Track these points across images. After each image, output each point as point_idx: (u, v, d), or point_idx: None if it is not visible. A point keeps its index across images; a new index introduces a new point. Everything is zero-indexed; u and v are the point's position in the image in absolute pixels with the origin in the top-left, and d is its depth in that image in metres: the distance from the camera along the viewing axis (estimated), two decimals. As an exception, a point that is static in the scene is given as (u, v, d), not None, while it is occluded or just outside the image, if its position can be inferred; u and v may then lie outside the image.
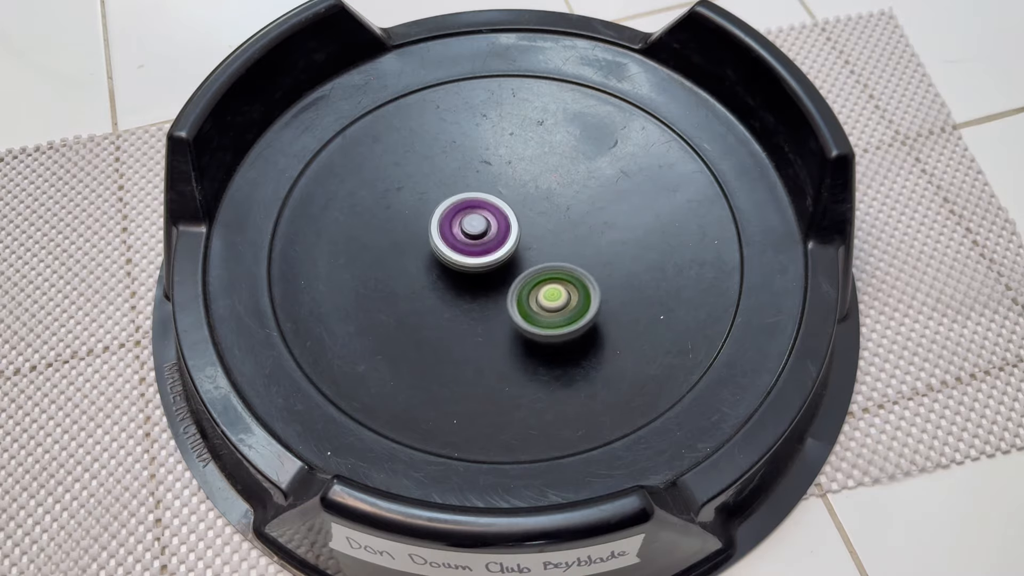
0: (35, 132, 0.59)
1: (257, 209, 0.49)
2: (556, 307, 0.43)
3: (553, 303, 0.43)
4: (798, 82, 0.48)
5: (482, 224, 0.46)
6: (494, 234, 0.46)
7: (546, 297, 0.44)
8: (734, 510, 0.44)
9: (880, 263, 0.53)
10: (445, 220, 0.46)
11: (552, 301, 0.43)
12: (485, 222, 0.46)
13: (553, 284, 0.44)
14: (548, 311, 0.44)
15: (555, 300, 0.43)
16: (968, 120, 0.60)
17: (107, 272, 0.53)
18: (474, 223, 0.46)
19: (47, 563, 0.44)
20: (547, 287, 0.44)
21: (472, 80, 0.54)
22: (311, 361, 0.45)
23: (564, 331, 0.43)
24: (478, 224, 0.46)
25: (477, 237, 0.46)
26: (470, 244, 0.46)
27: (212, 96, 0.48)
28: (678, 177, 0.50)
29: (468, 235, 0.46)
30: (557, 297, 0.44)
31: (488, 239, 0.46)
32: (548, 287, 0.44)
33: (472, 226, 0.46)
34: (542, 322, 0.43)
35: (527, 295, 0.44)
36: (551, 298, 0.44)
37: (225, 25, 0.65)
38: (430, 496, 0.40)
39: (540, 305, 0.44)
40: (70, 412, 0.49)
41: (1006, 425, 0.48)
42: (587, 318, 0.43)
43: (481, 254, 0.46)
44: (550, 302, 0.43)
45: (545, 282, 0.44)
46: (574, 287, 0.44)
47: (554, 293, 0.44)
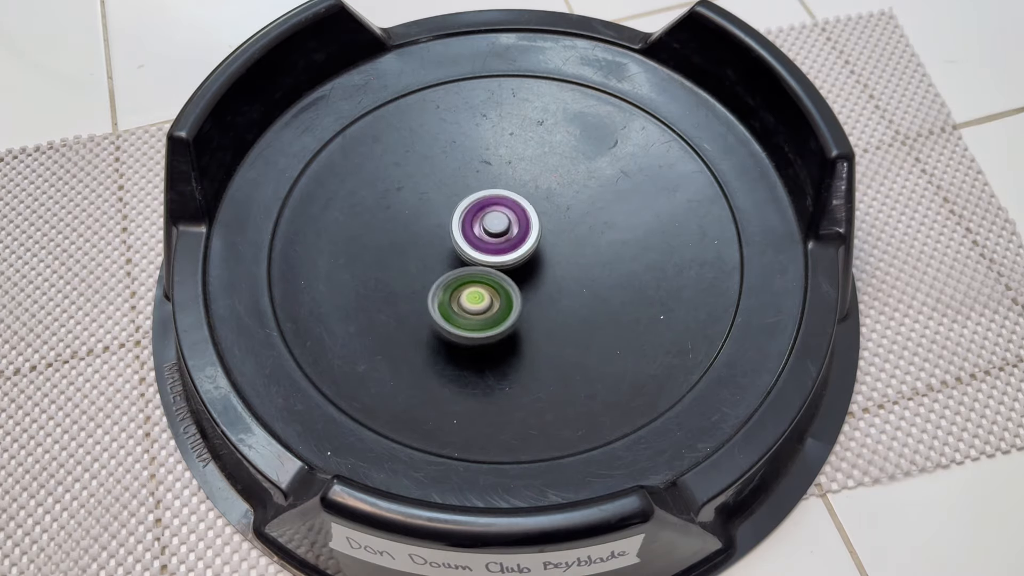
0: (35, 132, 0.59)
1: (257, 209, 0.49)
2: (478, 310, 0.44)
3: (475, 306, 0.43)
4: (798, 82, 0.48)
5: (504, 222, 0.46)
6: (516, 231, 0.46)
7: (468, 300, 0.44)
8: (734, 510, 0.44)
9: (880, 263, 0.53)
10: (467, 219, 0.46)
11: (474, 304, 0.44)
12: (507, 219, 0.46)
13: (476, 287, 0.44)
14: (470, 313, 0.44)
15: (477, 303, 0.44)
16: (968, 120, 0.60)
17: (107, 272, 0.53)
18: (496, 221, 0.46)
19: (47, 563, 0.44)
20: (469, 290, 0.44)
21: (472, 80, 0.54)
22: (311, 361, 0.45)
23: (483, 335, 0.43)
24: (500, 222, 0.46)
25: (499, 235, 0.46)
26: (492, 242, 0.46)
27: (212, 96, 0.48)
28: (678, 177, 0.50)
29: (490, 233, 0.46)
30: (479, 300, 0.44)
31: (510, 236, 0.46)
32: (471, 290, 0.44)
33: (494, 224, 0.46)
34: (462, 324, 0.43)
35: (449, 297, 0.44)
36: (473, 301, 0.44)
37: (225, 25, 0.65)
38: (430, 496, 0.40)
39: (462, 307, 0.44)
40: (70, 412, 0.49)
41: (1006, 425, 0.48)
42: (508, 323, 0.43)
43: (504, 252, 0.46)
44: (472, 305, 0.44)
45: (467, 284, 0.44)
46: (496, 292, 0.44)
47: (476, 296, 0.44)
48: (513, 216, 0.46)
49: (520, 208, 0.47)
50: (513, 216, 0.46)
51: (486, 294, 0.44)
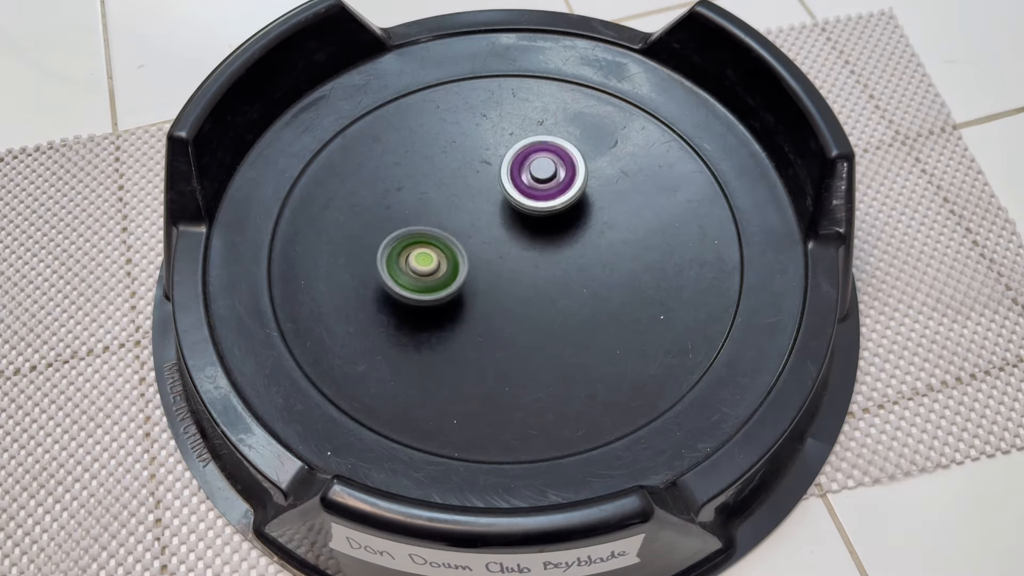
0: (35, 132, 0.59)
1: (257, 209, 0.49)
2: (426, 271, 0.44)
3: (424, 267, 0.44)
4: (798, 82, 0.48)
5: (550, 168, 0.47)
6: (563, 177, 0.48)
7: (417, 261, 0.44)
8: (734, 510, 0.44)
9: (880, 263, 0.53)
10: (515, 165, 0.48)
11: (423, 266, 0.44)
12: (553, 166, 0.47)
13: (424, 248, 0.45)
14: (418, 275, 0.44)
15: (426, 265, 0.44)
16: (968, 120, 0.60)
17: (107, 272, 0.53)
18: (543, 167, 0.47)
19: (47, 563, 0.44)
20: (418, 251, 0.44)
21: (472, 80, 0.54)
22: (311, 361, 0.45)
23: (430, 297, 0.44)
24: (547, 168, 0.47)
25: (546, 181, 0.47)
26: (539, 188, 0.47)
27: (212, 96, 0.48)
28: (678, 177, 0.50)
29: (537, 179, 0.47)
30: (428, 262, 0.44)
31: (557, 182, 0.47)
32: (419, 251, 0.44)
33: (541, 170, 0.47)
34: (410, 285, 0.44)
35: (397, 256, 0.44)
36: (422, 263, 0.44)
37: (225, 25, 0.65)
38: (430, 496, 0.40)
39: (411, 268, 0.44)
40: (70, 412, 0.49)
41: (1006, 425, 0.48)
42: (454, 286, 0.44)
43: (549, 197, 0.47)
44: (421, 266, 0.44)
45: (416, 245, 0.45)
46: (444, 254, 0.45)
47: (425, 258, 0.44)
48: (560, 161, 0.48)
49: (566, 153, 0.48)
50: (560, 161, 0.48)
51: (434, 256, 0.44)
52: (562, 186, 0.47)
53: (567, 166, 0.48)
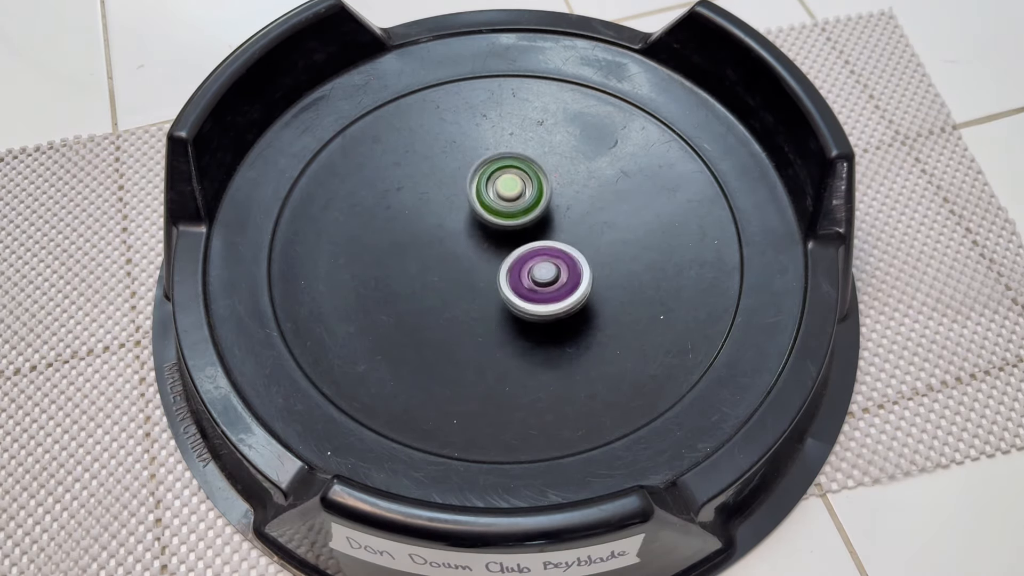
0: (35, 132, 0.59)
1: (257, 209, 0.49)
2: (512, 196, 0.46)
3: (510, 192, 0.46)
4: (798, 82, 0.48)
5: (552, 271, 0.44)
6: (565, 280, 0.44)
7: (503, 187, 0.46)
8: (734, 510, 0.44)
9: (880, 263, 0.53)
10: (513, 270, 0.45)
11: (509, 191, 0.46)
12: (555, 269, 0.44)
13: (510, 174, 0.47)
14: (505, 199, 0.46)
15: (512, 190, 0.46)
16: (968, 120, 0.60)
17: (107, 272, 0.53)
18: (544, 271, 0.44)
19: (47, 563, 0.44)
20: (503, 176, 0.47)
21: (472, 80, 0.54)
22: (311, 361, 0.45)
23: (519, 221, 0.46)
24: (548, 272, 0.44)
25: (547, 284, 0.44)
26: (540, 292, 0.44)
27: (212, 96, 0.48)
28: (678, 177, 0.50)
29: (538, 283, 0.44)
30: (514, 187, 0.46)
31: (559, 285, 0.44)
32: (504, 177, 0.47)
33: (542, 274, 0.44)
34: (499, 211, 0.46)
35: (484, 183, 0.47)
36: (508, 188, 0.46)
37: (225, 25, 0.65)
38: (430, 496, 0.40)
39: (498, 194, 0.46)
40: (70, 412, 0.49)
41: (1006, 425, 0.48)
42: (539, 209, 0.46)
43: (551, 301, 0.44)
44: (507, 191, 0.46)
45: (502, 170, 0.47)
46: (529, 177, 0.47)
47: (511, 183, 0.46)
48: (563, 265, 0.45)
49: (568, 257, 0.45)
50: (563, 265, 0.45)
51: (519, 180, 0.47)
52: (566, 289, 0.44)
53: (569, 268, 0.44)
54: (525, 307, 0.44)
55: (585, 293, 0.44)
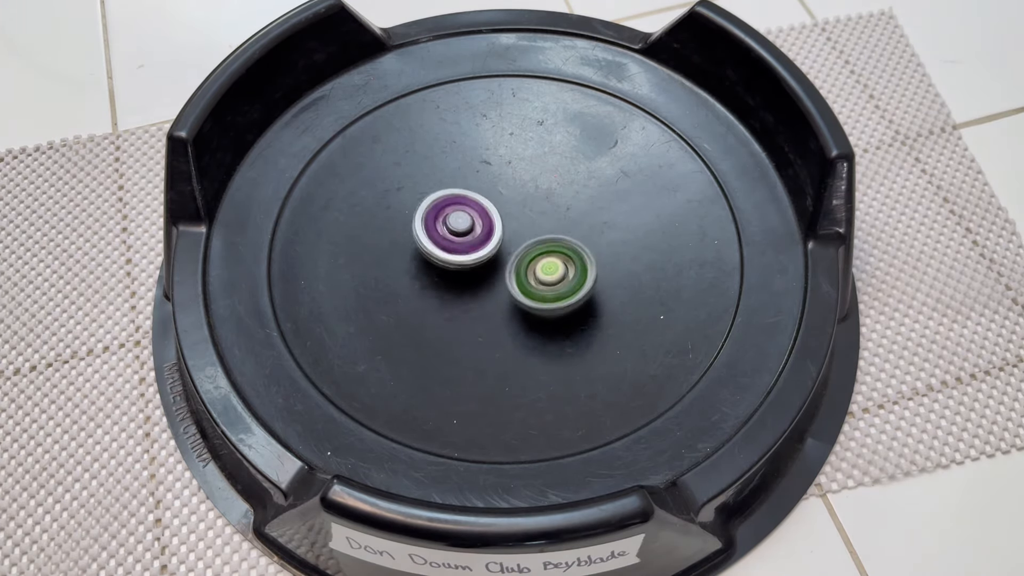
0: (35, 132, 0.59)
1: (257, 209, 0.49)
2: (554, 280, 0.44)
3: (551, 276, 0.44)
4: (798, 82, 0.48)
5: (467, 221, 0.46)
6: (479, 232, 0.46)
7: (544, 271, 0.44)
8: (734, 510, 0.44)
9: (880, 263, 0.53)
10: (429, 216, 0.46)
11: (550, 275, 0.44)
12: (469, 219, 0.46)
13: (550, 257, 0.45)
14: (546, 284, 0.44)
15: (552, 273, 0.44)
16: (968, 120, 0.60)
17: (107, 272, 0.53)
18: (459, 220, 0.46)
19: (47, 563, 0.44)
20: (544, 260, 0.45)
21: (472, 80, 0.54)
22: (311, 361, 0.45)
23: (563, 304, 0.43)
24: (463, 221, 0.46)
25: (462, 234, 0.46)
26: (455, 241, 0.46)
27: (212, 96, 0.48)
28: (678, 177, 0.50)
29: (453, 232, 0.46)
30: (555, 271, 0.44)
31: (474, 237, 0.46)
32: (545, 260, 0.45)
33: (457, 223, 0.46)
34: (540, 296, 0.44)
35: (524, 270, 0.45)
36: (548, 272, 0.44)
37: (225, 25, 0.65)
38: (430, 496, 0.40)
39: (538, 279, 0.44)
40: (70, 412, 0.49)
41: (1006, 425, 0.48)
42: (585, 290, 0.43)
43: (465, 251, 0.46)
44: (548, 275, 0.44)
45: (542, 256, 0.45)
46: (571, 259, 0.45)
47: (551, 267, 0.44)
48: (477, 216, 0.46)
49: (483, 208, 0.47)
50: (477, 216, 0.46)
51: (560, 263, 0.44)
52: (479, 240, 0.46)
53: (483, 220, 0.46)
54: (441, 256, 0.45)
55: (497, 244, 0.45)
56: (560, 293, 0.44)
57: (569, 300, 0.43)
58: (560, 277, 0.44)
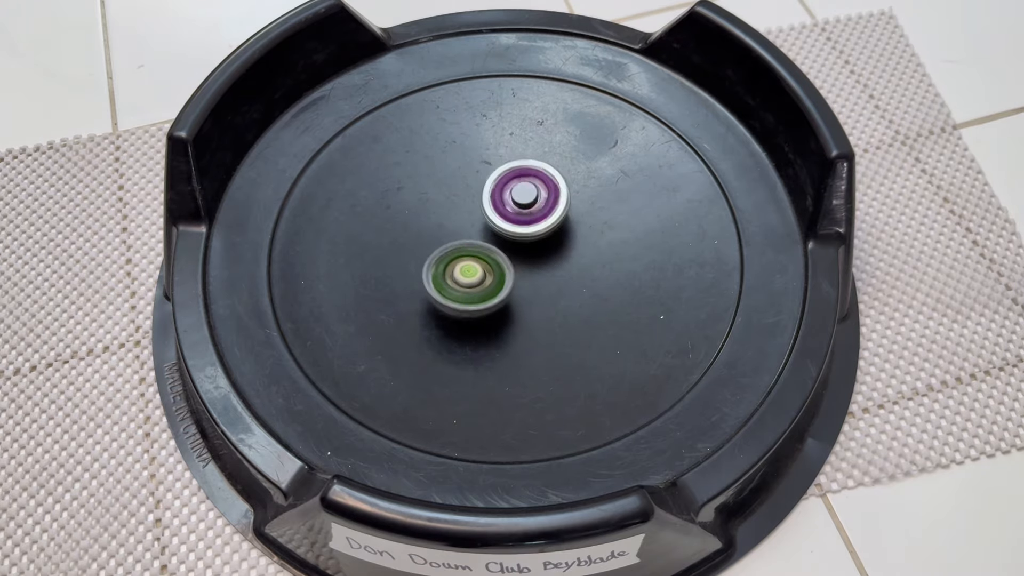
0: (35, 132, 0.59)
1: (257, 209, 0.49)
2: (471, 283, 0.44)
3: (469, 279, 0.44)
4: (798, 82, 0.48)
5: (532, 193, 0.46)
6: (544, 202, 0.47)
7: (462, 273, 0.45)
8: (734, 510, 0.44)
9: (880, 263, 0.53)
10: (496, 189, 0.47)
11: (468, 277, 0.44)
12: (535, 190, 0.47)
13: (469, 261, 0.45)
14: (463, 287, 0.44)
15: (471, 277, 0.44)
16: (968, 120, 0.60)
17: (107, 272, 0.53)
18: (525, 192, 0.46)
19: (47, 563, 0.44)
20: (463, 263, 0.45)
21: (472, 80, 0.54)
22: (311, 361, 0.45)
23: (477, 308, 0.44)
24: (528, 192, 0.46)
25: (527, 206, 0.46)
26: (520, 213, 0.47)
27: (212, 96, 0.48)
28: (678, 177, 0.50)
29: (518, 204, 0.46)
30: (473, 274, 0.45)
31: (537, 208, 0.47)
32: (464, 263, 0.45)
33: (522, 195, 0.46)
34: (456, 296, 0.44)
35: (443, 270, 0.45)
36: (467, 274, 0.44)
37: (225, 25, 0.65)
38: (430, 496, 0.40)
39: (456, 280, 0.45)
40: (70, 412, 0.49)
41: (1006, 425, 0.48)
42: (500, 297, 0.44)
43: (531, 223, 0.46)
44: (466, 278, 0.44)
45: (461, 258, 0.45)
46: (489, 266, 0.45)
47: (470, 270, 0.45)
48: (542, 186, 0.47)
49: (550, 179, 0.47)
50: (542, 186, 0.47)
51: (479, 268, 0.45)
52: (545, 211, 0.47)
53: (549, 189, 0.47)
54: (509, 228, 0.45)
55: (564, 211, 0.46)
56: (477, 296, 0.44)
57: (486, 303, 0.44)
58: (479, 281, 0.45)
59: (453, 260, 0.45)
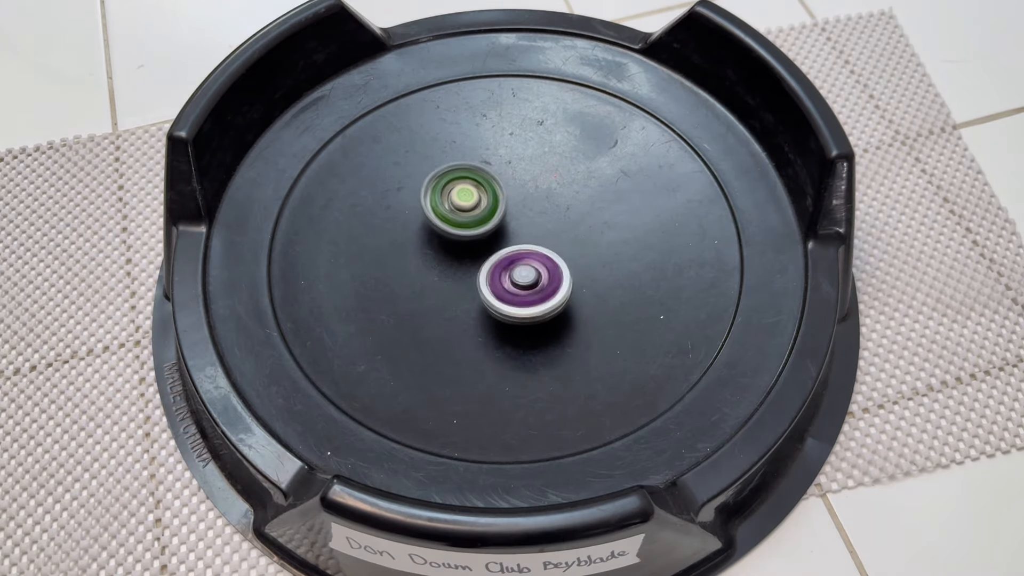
0: (35, 132, 0.59)
1: (257, 209, 0.49)
2: (468, 207, 0.46)
3: (466, 203, 0.46)
4: (798, 82, 0.48)
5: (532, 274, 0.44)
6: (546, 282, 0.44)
7: (459, 197, 0.46)
8: (734, 510, 0.44)
9: (880, 263, 0.53)
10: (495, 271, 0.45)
11: (465, 201, 0.46)
12: (535, 272, 0.44)
13: (465, 184, 0.46)
14: (461, 210, 0.46)
15: (468, 200, 0.46)
16: (968, 120, 0.60)
17: (107, 272, 0.53)
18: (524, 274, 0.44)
19: (47, 563, 0.44)
20: (459, 187, 0.46)
21: (472, 80, 0.54)
22: (311, 361, 0.45)
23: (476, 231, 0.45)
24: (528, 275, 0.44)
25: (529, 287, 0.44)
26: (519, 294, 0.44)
27: (212, 96, 0.48)
28: (678, 177, 0.50)
29: (518, 285, 0.44)
30: (469, 197, 0.46)
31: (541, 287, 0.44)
32: (460, 187, 0.46)
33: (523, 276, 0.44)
34: (455, 221, 0.46)
35: (439, 193, 0.46)
36: (464, 198, 0.46)
37: (225, 25, 0.65)
38: (430, 496, 0.40)
39: (453, 204, 0.46)
40: (70, 412, 0.49)
41: (1006, 425, 0.48)
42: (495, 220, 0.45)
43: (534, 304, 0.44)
44: (463, 202, 0.46)
45: (456, 181, 0.47)
46: (483, 188, 0.46)
47: (466, 193, 0.46)
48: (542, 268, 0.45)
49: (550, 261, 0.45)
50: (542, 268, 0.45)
51: (475, 191, 0.46)
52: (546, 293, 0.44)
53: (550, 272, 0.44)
54: (505, 310, 0.43)
55: (565, 297, 0.44)
56: (474, 219, 0.46)
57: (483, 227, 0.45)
58: (475, 203, 0.46)
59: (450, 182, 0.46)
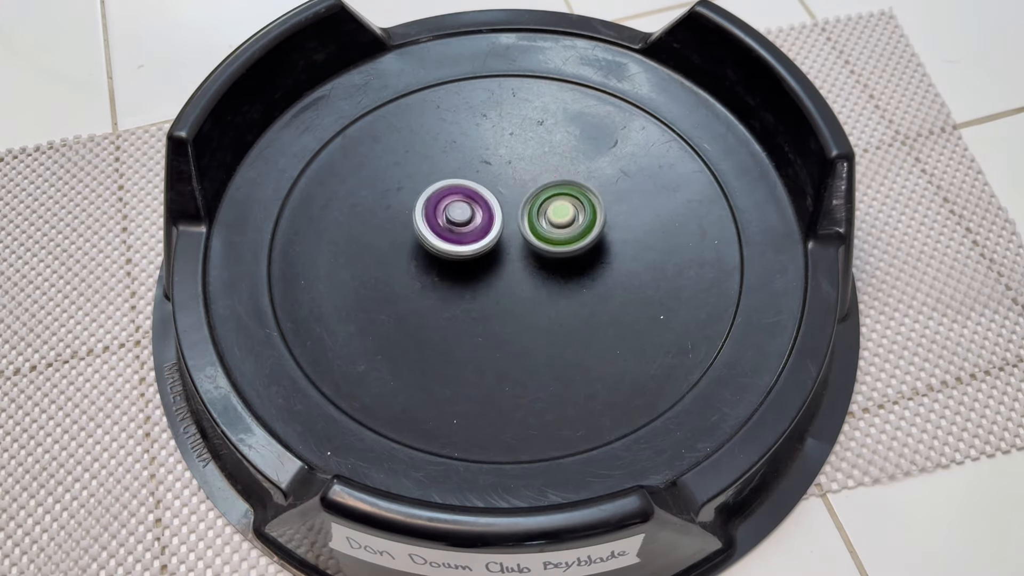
0: (35, 132, 0.59)
1: (257, 209, 0.49)
2: (564, 223, 0.45)
3: (562, 219, 0.45)
4: (798, 82, 0.48)
5: (466, 212, 0.46)
6: (479, 223, 0.46)
7: (555, 214, 0.45)
8: (734, 510, 0.44)
9: (880, 263, 0.53)
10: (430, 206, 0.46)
11: (561, 217, 0.45)
12: (469, 210, 0.46)
13: (561, 200, 0.46)
14: (557, 227, 0.46)
15: (564, 216, 0.45)
16: (968, 120, 0.60)
17: (107, 272, 0.53)
18: (458, 211, 0.46)
19: (47, 563, 0.44)
20: (555, 203, 0.46)
21: (472, 80, 0.54)
22: (311, 361, 0.45)
23: (575, 247, 0.45)
24: (462, 212, 0.46)
25: (461, 224, 0.46)
26: (455, 232, 0.46)
27: (212, 96, 0.48)
28: (678, 177, 0.50)
29: (452, 222, 0.46)
30: (566, 213, 0.45)
31: (473, 227, 0.46)
32: (556, 203, 0.46)
33: (456, 214, 0.46)
34: (553, 239, 0.46)
35: (536, 213, 0.46)
36: (560, 215, 0.45)
37: (225, 25, 0.65)
38: (430, 496, 0.40)
39: (550, 222, 0.46)
40: (70, 412, 0.49)
41: (1006, 425, 0.48)
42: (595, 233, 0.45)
43: (466, 242, 0.46)
44: (559, 218, 0.45)
45: (553, 198, 0.46)
46: (580, 203, 0.46)
47: (563, 210, 0.46)
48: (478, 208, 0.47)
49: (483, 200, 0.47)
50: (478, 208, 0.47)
51: (571, 206, 0.46)
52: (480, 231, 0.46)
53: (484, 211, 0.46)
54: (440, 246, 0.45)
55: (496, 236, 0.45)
56: (571, 236, 0.46)
57: (580, 243, 0.45)
58: (571, 219, 0.46)
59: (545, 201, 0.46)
